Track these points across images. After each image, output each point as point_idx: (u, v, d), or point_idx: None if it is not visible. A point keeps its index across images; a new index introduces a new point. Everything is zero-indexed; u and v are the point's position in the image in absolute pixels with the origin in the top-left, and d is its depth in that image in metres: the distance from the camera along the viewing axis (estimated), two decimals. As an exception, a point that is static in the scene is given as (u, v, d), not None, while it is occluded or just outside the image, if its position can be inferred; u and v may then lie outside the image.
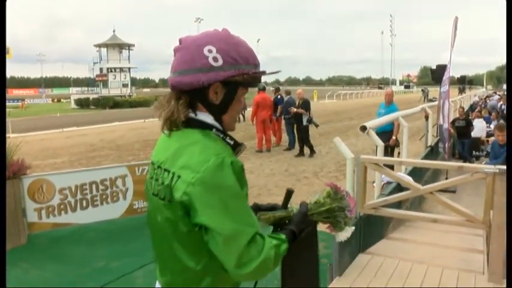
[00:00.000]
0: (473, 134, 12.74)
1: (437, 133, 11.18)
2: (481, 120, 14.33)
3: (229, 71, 1.39)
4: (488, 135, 13.94)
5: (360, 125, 5.32)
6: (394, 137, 8.70)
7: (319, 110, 31.22)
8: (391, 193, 5.64)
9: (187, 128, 1.43)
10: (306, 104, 12.13)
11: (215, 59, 1.38)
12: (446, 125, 9.67)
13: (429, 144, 10.08)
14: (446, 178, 9.14)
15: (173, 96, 1.44)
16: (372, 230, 4.85)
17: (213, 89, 1.41)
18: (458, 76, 35.77)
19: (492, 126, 15.10)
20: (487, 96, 31.52)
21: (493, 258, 3.75)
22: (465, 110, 14.41)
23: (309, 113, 12.06)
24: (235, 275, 1.32)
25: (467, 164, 4.49)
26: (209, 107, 1.44)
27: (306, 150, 12.32)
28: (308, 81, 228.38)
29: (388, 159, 5.39)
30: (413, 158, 8.97)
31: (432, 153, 9.99)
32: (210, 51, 1.38)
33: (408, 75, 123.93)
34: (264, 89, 13.22)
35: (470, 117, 13.62)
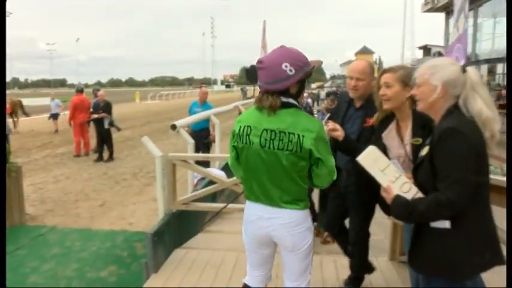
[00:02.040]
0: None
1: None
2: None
3: (299, 74, 2.30)
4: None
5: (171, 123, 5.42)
6: (213, 133, 9.03)
7: (141, 111, 30.77)
8: (203, 188, 5.89)
9: (285, 108, 2.32)
10: (107, 107, 11.65)
11: (290, 70, 2.26)
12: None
13: (243, 139, 10.73)
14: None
15: (269, 94, 2.30)
16: (187, 225, 4.99)
17: (292, 86, 2.32)
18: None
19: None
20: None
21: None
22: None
23: (111, 116, 11.66)
24: (328, 182, 2.46)
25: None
26: (291, 96, 2.34)
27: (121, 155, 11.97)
28: (131, 83, 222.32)
29: (196, 156, 5.61)
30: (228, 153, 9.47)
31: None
32: (286, 66, 2.26)
33: (231, 75, 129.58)
34: (81, 91, 12.43)
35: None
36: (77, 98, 12.14)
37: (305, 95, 34.09)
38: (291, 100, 2.34)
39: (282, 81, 2.27)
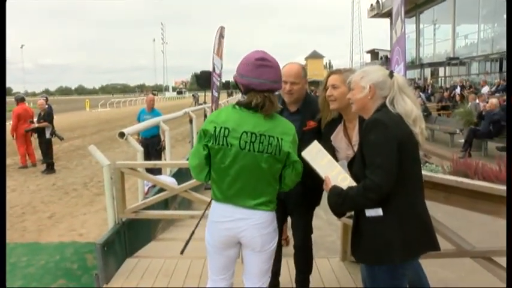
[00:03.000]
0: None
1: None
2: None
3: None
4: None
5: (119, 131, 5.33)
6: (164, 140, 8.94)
7: (92, 119, 29.97)
8: (154, 196, 5.83)
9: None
10: (49, 116, 11.28)
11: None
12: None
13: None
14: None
15: (269, 94, 2.41)
16: (138, 233, 4.93)
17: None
18: (223, 81, 38.87)
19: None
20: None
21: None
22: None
23: (52, 126, 11.26)
24: (294, 184, 2.57)
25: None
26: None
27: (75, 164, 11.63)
28: (81, 90, 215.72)
29: (145, 163, 5.55)
30: (180, 159, 9.41)
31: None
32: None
33: (182, 82, 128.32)
34: (23, 100, 11.96)
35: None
36: (20, 108, 11.66)
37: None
38: None
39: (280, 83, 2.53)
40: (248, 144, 2.37)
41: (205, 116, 14.00)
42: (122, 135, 5.23)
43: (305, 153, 2.37)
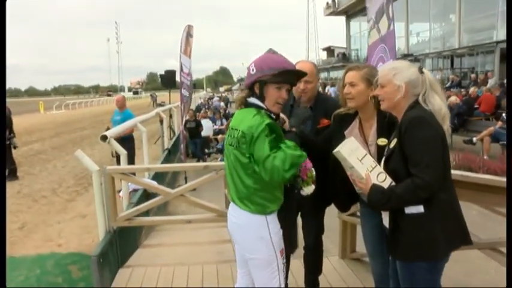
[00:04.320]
0: (203, 133, 13.82)
1: (170, 135, 11.70)
2: (208, 120, 15.62)
3: (257, 75, 2.39)
4: (215, 133, 15.35)
5: (99, 135, 5.07)
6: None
7: (48, 122, 28.73)
8: (140, 201, 5.59)
9: (247, 106, 2.46)
10: (7, 120, 10.55)
11: (252, 70, 2.42)
12: (181, 127, 10.20)
13: (166, 147, 10.43)
14: (186, 177, 9.70)
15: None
16: (127, 242, 4.71)
17: (256, 86, 2.43)
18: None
19: (217, 125, 16.72)
20: (209, 98, 34.89)
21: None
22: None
23: (11, 131, 10.18)
24: (277, 177, 2.27)
25: (212, 163, 4.80)
26: (256, 96, 2.45)
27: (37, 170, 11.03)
28: (32, 92, 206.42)
29: (136, 168, 5.31)
30: (154, 161, 9.15)
31: (170, 155, 10.39)
32: (252, 65, 2.44)
33: (138, 82, 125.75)
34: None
35: (198, 118, 14.62)
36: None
37: (216, 98, 34.60)
38: (254, 100, 2.46)
39: (246, 79, 2.52)
40: (228, 138, 2.51)
41: (171, 116, 13.74)
42: (104, 138, 4.97)
43: (341, 149, 2.24)
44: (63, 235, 6.23)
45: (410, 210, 2.14)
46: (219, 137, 13.58)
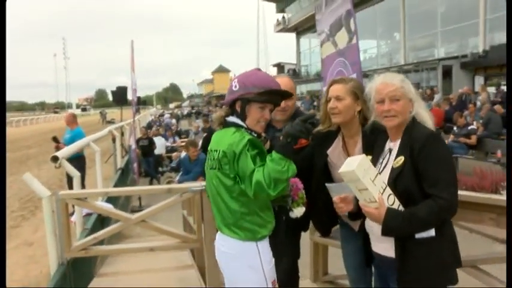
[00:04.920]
0: (156, 151, 13.38)
1: (122, 154, 11.19)
2: (160, 137, 15.18)
3: (240, 92, 2.23)
4: (168, 151, 14.92)
5: (46, 153, 4.67)
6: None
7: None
8: (95, 226, 5.19)
9: (227, 126, 2.29)
10: None
11: (235, 86, 2.25)
12: (134, 146, 9.78)
13: (119, 166, 9.96)
14: (139, 197, 9.26)
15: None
16: (81, 272, 4.30)
17: (237, 104, 2.27)
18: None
19: (169, 142, 16.29)
20: (159, 115, 34.28)
21: (211, 271, 3.83)
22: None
23: None
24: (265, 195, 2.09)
25: (175, 186, 4.51)
26: (237, 115, 2.28)
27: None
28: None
29: (93, 192, 4.92)
30: (106, 181, 8.65)
31: (123, 175, 9.91)
32: (234, 82, 2.28)
33: (86, 99, 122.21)
34: None
35: (150, 136, 14.13)
36: None
37: (167, 115, 34.10)
38: (234, 119, 2.30)
39: (227, 95, 2.33)
40: (207, 161, 2.35)
41: (123, 134, 13.23)
42: (55, 159, 4.56)
43: (356, 168, 1.88)
44: (7, 266, 5.67)
45: (421, 234, 1.96)
46: (174, 154, 13.18)
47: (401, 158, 2.03)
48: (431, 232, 1.95)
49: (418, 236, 1.96)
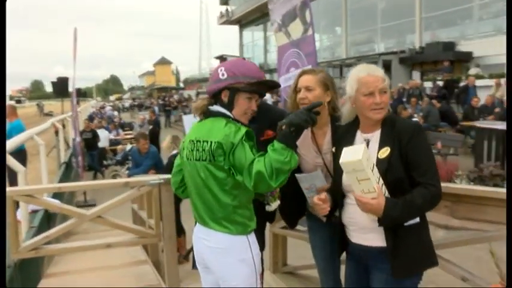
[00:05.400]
0: (100, 144, 12.95)
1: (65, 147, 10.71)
2: (103, 130, 14.69)
3: (229, 81, 2.16)
4: (112, 144, 14.48)
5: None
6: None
7: None
8: (42, 223, 4.92)
9: (212, 116, 2.22)
10: None
11: (222, 75, 2.18)
12: (78, 138, 9.37)
13: (63, 160, 9.52)
14: (84, 192, 8.93)
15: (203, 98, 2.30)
16: (30, 274, 4.07)
17: (224, 94, 2.20)
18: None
19: (113, 135, 15.80)
20: (101, 107, 33.16)
21: (170, 267, 3.75)
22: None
23: None
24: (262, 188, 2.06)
25: (132, 179, 4.34)
26: (223, 105, 2.21)
27: None
28: None
29: (43, 188, 4.65)
30: (50, 176, 8.23)
31: (68, 169, 9.49)
32: (221, 70, 2.20)
33: (20, 90, 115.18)
34: None
35: (93, 128, 13.63)
36: None
37: (108, 107, 33.03)
38: (220, 109, 2.22)
39: (212, 84, 2.23)
40: (190, 153, 2.24)
41: (64, 126, 12.64)
42: (-3, 154, 4.26)
43: (361, 157, 1.84)
44: None
45: (409, 222, 2.01)
46: (118, 147, 12.81)
47: (388, 149, 2.03)
48: (417, 219, 2.03)
49: (406, 223, 2.01)
